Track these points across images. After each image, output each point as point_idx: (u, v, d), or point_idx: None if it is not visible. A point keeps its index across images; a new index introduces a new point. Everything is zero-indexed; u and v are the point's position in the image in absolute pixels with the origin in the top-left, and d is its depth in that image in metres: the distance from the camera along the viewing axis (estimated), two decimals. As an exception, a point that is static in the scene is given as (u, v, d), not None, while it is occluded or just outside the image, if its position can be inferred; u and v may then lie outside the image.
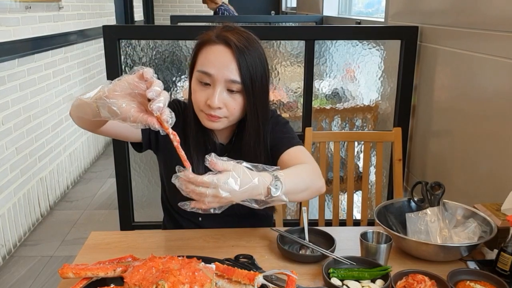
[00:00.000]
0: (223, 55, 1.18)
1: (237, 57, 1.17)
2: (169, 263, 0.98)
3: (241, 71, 1.18)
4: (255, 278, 0.96)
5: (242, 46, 1.18)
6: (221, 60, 1.18)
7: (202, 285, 0.92)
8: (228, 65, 1.18)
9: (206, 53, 1.21)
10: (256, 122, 1.26)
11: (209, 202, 0.95)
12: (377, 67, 2.51)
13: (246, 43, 1.20)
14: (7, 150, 2.84)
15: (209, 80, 1.19)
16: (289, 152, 1.29)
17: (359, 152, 2.50)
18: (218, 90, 1.18)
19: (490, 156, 1.71)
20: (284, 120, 1.40)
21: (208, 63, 1.19)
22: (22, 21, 3.06)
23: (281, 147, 1.31)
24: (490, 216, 1.25)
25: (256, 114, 1.25)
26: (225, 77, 1.18)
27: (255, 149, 1.29)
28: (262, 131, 1.29)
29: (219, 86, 1.18)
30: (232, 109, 1.22)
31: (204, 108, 1.21)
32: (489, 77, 1.72)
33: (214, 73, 1.18)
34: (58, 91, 3.67)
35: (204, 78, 1.20)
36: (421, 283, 1.03)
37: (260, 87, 1.23)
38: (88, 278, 1.02)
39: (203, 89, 1.21)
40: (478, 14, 1.78)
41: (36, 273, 2.64)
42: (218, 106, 1.19)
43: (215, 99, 1.18)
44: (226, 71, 1.17)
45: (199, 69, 1.20)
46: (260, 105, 1.25)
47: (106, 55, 2.23)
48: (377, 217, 1.29)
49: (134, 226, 2.43)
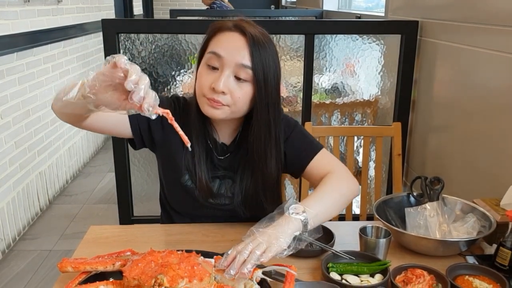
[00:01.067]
0: (237, 41, 1.14)
1: (251, 46, 1.13)
2: (168, 257, 0.98)
3: (253, 59, 1.13)
4: (254, 273, 0.96)
5: (258, 38, 1.15)
6: (234, 45, 1.14)
7: (201, 279, 0.92)
8: (240, 50, 1.14)
9: (220, 37, 1.17)
10: (266, 117, 1.20)
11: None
12: (377, 62, 2.50)
13: (263, 38, 1.17)
14: (6, 144, 2.83)
15: (218, 63, 1.15)
16: (315, 161, 1.28)
17: (358, 147, 2.50)
18: (226, 74, 1.13)
19: (490, 151, 1.71)
20: (294, 121, 1.35)
21: (220, 44, 1.15)
22: (21, 15, 3.05)
23: (304, 157, 1.28)
24: (489, 211, 1.25)
25: (267, 109, 1.20)
26: (236, 61, 1.13)
27: (266, 148, 1.23)
28: (274, 129, 1.23)
29: (227, 69, 1.14)
30: (236, 98, 1.16)
31: (207, 92, 1.15)
32: (489, 71, 1.72)
33: (225, 55, 1.13)
34: (57, 85, 3.66)
35: (213, 60, 1.15)
36: (420, 278, 1.03)
37: (273, 83, 1.19)
38: (87, 272, 1.02)
39: (210, 72, 1.16)
40: (478, 9, 1.78)
41: (35, 267, 2.64)
42: (222, 90, 1.13)
43: (220, 82, 1.13)
44: (237, 55, 1.13)
45: (210, 50, 1.16)
46: (272, 101, 1.20)
47: (105, 49, 2.22)
48: (376, 211, 1.29)
49: (133, 220, 2.43)
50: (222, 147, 1.31)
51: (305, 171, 1.29)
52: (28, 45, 3.12)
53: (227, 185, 1.32)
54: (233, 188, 1.32)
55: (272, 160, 1.25)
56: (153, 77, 2.42)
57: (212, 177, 1.31)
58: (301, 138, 1.32)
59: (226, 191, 1.32)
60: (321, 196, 1.17)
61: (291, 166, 1.32)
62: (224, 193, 1.32)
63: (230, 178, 1.32)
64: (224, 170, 1.32)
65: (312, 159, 1.28)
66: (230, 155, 1.31)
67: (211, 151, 1.30)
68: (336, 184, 1.21)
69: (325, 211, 1.14)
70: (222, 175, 1.32)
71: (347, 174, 1.27)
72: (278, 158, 1.27)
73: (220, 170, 1.32)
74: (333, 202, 1.18)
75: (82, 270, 1.01)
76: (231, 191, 1.32)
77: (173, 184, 1.34)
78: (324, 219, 1.16)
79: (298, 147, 1.30)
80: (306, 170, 1.29)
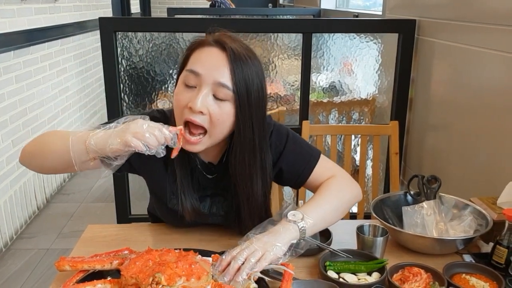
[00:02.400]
0: (216, 57, 1.05)
1: (232, 62, 1.04)
2: (165, 256, 0.98)
3: (235, 78, 1.04)
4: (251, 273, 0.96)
5: (240, 53, 1.06)
6: (213, 61, 1.05)
7: (199, 278, 0.92)
8: (219, 67, 1.04)
9: (199, 54, 1.08)
10: (251, 138, 1.11)
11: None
12: (374, 61, 2.50)
13: (245, 53, 1.07)
14: (3, 142, 2.82)
15: (196, 82, 1.05)
16: (315, 173, 1.22)
17: (356, 145, 2.50)
18: (204, 92, 1.04)
19: (487, 150, 1.71)
20: (285, 130, 1.25)
21: (198, 62, 1.06)
22: (18, 13, 3.04)
23: (303, 172, 1.22)
24: (486, 210, 1.26)
25: (251, 130, 1.10)
26: (214, 79, 1.04)
27: (250, 170, 1.14)
28: (259, 151, 1.14)
29: (206, 88, 1.04)
30: (215, 119, 1.05)
31: (185, 113, 1.05)
32: (486, 70, 1.72)
33: (202, 72, 1.04)
34: (54, 84, 3.65)
35: (190, 79, 1.06)
36: (417, 276, 1.03)
37: (257, 100, 1.08)
38: (85, 270, 1.02)
39: (187, 91, 1.06)
40: (476, 8, 1.78)
41: (32, 266, 2.64)
42: (200, 110, 1.03)
43: (197, 100, 1.03)
44: (215, 73, 1.04)
45: (188, 68, 1.07)
46: (256, 120, 1.10)
47: (102, 47, 2.22)
48: (373, 210, 1.29)
49: (130, 219, 2.43)
50: (209, 166, 1.22)
51: (306, 184, 1.25)
52: (25, 44, 3.12)
53: (218, 203, 1.26)
54: (225, 206, 1.25)
55: (258, 183, 1.16)
56: (151, 76, 2.42)
57: (202, 197, 1.24)
58: (297, 150, 1.23)
59: (218, 210, 1.26)
60: (320, 203, 1.14)
61: (289, 181, 1.26)
62: (217, 212, 1.26)
63: (221, 196, 1.25)
64: (214, 189, 1.25)
65: (312, 172, 1.22)
66: (218, 175, 1.23)
67: (198, 171, 1.22)
68: (336, 190, 1.19)
69: (323, 219, 1.12)
70: (213, 194, 1.25)
71: (348, 179, 1.24)
72: (265, 181, 1.18)
73: (210, 189, 1.24)
74: (332, 210, 1.16)
75: (79, 269, 1.01)
76: (224, 209, 1.26)
77: (161, 205, 1.29)
78: (322, 226, 1.15)
79: (295, 162, 1.22)
80: (306, 183, 1.24)
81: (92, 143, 0.98)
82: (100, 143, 0.98)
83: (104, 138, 0.98)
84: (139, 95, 2.43)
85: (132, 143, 0.95)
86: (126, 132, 0.96)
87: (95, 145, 0.98)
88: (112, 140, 0.96)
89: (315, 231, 1.11)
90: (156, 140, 0.97)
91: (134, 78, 2.40)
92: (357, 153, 2.45)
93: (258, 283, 0.98)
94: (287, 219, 1.06)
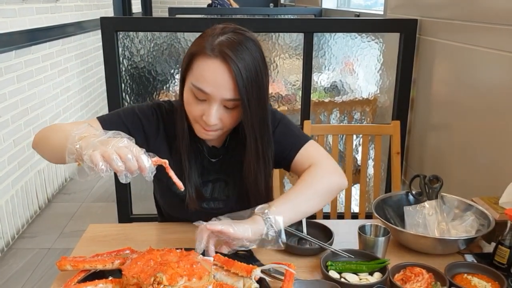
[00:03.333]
0: (220, 73, 1.08)
1: (234, 74, 1.07)
2: (167, 256, 0.98)
3: (239, 89, 1.09)
4: (253, 271, 0.96)
5: (240, 60, 1.08)
6: (218, 79, 1.09)
7: (200, 278, 0.92)
8: (225, 84, 1.09)
9: (202, 69, 1.10)
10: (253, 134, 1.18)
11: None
12: (376, 60, 2.50)
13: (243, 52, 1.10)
14: (5, 142, 2.83)
15: (205, 97, 1.11)
16: (299, 155, 1.25)
17: (357, 145, 2.50)
18: (215, 108, 1.11)
19: (488, 150, 1.71)
20: (280, 115, 1.31)
21: (203, 80, 1.10)
22: (19, 13, 3.04)
23: (289, 153, 1.26)
24: (488, 210, 1.26)
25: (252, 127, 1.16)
26: (222, 97, 1.10)
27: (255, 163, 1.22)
28: (260, 145, 1.20)
29: (215, 104, 1.11)
30: (227, 123, 1.15)
31: (200, 122, 1.15)
32: (488, 70, 1.72)
33: (210, 92, 1.09)
34: (56, 84, 3.65)
35: (199, 94, 1.11)
36: (418, 276, 1.03)
37: (257, 98, 1.13)
38: (86, 270, 1.02)
39: (198, 103, 1.13)
40: (478, 7, 1.78)
41: (34, 265, 2.64)
42: (214, 123, 1.13)
43: (211, 117, 1.11)
44: (223, 91, 1.09)
45: (194, 84, 1.11)
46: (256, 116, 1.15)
47: (104, 47, 2.22)
48: (375, 210, 1.29)
49: (132, 218, 2.43)
50: (213, 150, 1.28)
51: (291, 166, 1.27)
52: (26, 43, 3.12)
53: (220, 188, 1.30)
54: (227, 190, 1.30)
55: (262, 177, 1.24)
56: (152, 76, 2.42)
57: (204, 182, 1.29)
58: (286, 132, 1.29)
59: (220, 195, 1.30)
60: (290, 196, 1.16)
61: (278, 162, 1.30)
62: (218, 196, 1.30)
63: (223, 181, 1.30)
64: (216, 173, 1.30)
65: (297, 154, 1.25)
66: (222, 157, 1.29)
67: (202, 155, 1.28)
68: (312, 180, 1.19)
69: (293, 210, 1.13)
70: (215, 179, 1.30)
71: (329, 168, 1.23)
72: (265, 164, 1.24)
73: (212, 173, 1.29)
74: (305, 200, 1.16)
75: (81, 269, 1.01)
76: (225, 193, 1.30)
77: (165, 191, 1.33)
78: (296, 217, 1.15)
79: (283, 142, 1.27)
80: (292, 165, 1.27)
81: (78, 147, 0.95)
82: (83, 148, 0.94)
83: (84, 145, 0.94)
84: (140, 94, 2.43)
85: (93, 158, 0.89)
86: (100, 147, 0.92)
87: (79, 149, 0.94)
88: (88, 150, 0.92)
89: (288, 222, 1.12)
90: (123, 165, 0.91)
91: (136, 78, 2.40)
92: (358, 153, 2.45)
93: (260, 283, 0.98)
94: (255, 211, 1.10)
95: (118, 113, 1.25)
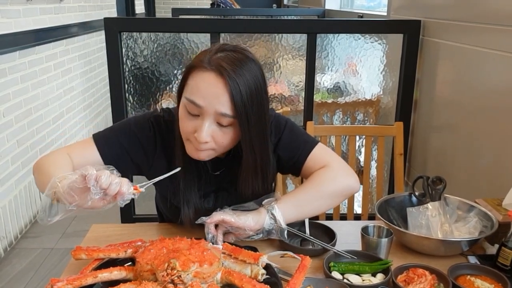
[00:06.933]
0: (215, 85, 1.04)
1: (231, 89, 1.03)
2: (178, 244, 1.03)
3: (235, 105, 1.04)
4: (260, 258, 1.00)
5: (238, 74, 1.04)
6: (212, 91, 1.04)
7: (211, 264, 0.96)
8: (219, 97, 1.04)
9: (196, 80, 1.07)
10: (253, 156, 1.14)
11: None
12: (379, 61, 2.50)
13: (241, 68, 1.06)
14: (8, 142, 2.84)
15: (198, 111, 1.07)
16: (309, 160, 1.24)
17: (360, 146, 2.50)
18: (207, 124, 1.06)
19: (492, 151, 1.70)
20: (284, 120, 1.28)
21: (197, 92, 1.06)
22: (23, 13, 3.05)
23: (298, 159, 1.25)
24: (491, 211, 1.25)
25: (252, 149, 1.13)
26: (215, 110, 1.05)
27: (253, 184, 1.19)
28: (259, 165, 1.17)
29: (208, 119, 1.06)
30: (220, 143, 1.10)
31: (191, 138, 1.10)
32: (491, 71, 1.71)
33: (203, 105, 1.05)
34: (59, 84, 3.66)
35: (192, 108, 1.07)
36: (421, 277, 1.03)
37: (257, 116, 1.09)
38: (99, 259, 1.05)
39: (190, 118, 1.09)
40: (481, 8, 1.77)
41: (37, 265, 2.64)
42: (205, 141, 1.07)
43: (202, 133, 1.06)
44: (216, 104, 1.04)
45: (188, 97, 1.07)
46: (256, 137, 1.12)
47: (107, 48, 2.22)
48: (378, 211, 1.28)
49: (135, 219, 2.44)
50: (216, 162, 1.23)
51: (302, 171, 1.27)
52: (30, 44, 3.13)
53: (222, 198, 1.28)
54: (229, 200, 1.26)
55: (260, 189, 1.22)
56: (155, 76, 2.42)
57: (207, 193, 1.26)
58: (293, 138, 1.26)
59: (223, 204, 1.24)
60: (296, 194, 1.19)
61: (287, 168, 1.30)
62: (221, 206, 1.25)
63: (225, 191, 1.28)
64: (219, 184, 1.27)
65: (306, 159, 1.24)
66: (225, 169, 1.26)
67: (204, 171, 1.24)
68: (319, 181, 1.20)
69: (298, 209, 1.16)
70: (217, 189, 1.28)
71: (341, 170, 1.23)
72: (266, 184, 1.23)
73: (215, 184, 1.27)
74: (311, 200, 1.18)
75: (95, 257, 1.04)
76: (227, 203, 1.24)
77: (166, 202, 1.32)
78: (301, 216, 1.18)
79: (291, 148, 1.25)
80: (302, 170, 1.26)
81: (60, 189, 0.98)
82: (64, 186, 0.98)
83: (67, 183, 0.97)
84: (143, 95, 2.44)
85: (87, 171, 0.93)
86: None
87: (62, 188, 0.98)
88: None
89: (292, 219, 1.15)
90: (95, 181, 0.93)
91: (139, 78, 2.41)
92: (361, 154, 2.45)
93: (267, 270, 1.00)
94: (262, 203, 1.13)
95: (115, 132, 1.23)
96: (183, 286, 0.91)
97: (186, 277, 0.91)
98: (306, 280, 0.98)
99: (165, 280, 0.91)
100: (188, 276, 0.92)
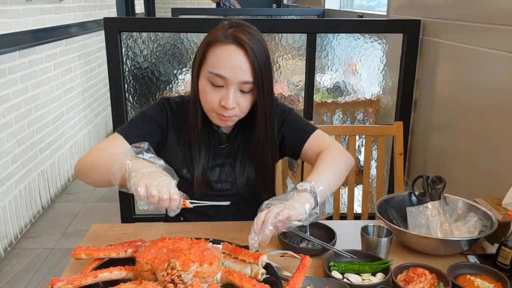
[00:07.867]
0: (237, 57, 1.18)
1: (251, 58, 1.18)
2: (178, 243, 1.03)
3: (255, 72, 1.19)
4: (260, 258, 1.00)
5: (253, 44, 1.19)
6: (235, 63, 1.18)
7: (211, 263, 0.96)
8: (242, 67, 1.18)
9: (218, 54, 1.20)
10: (264, 117, 1.29)
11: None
12: (379, 61, 2.50)
13: (254, 39, 1.20)
14: (8, 142, 2.84)
15: (222, 82, 1.20)
16: (311, 140, 1.35)
17: (360, 146, 2.50)
18: (232, 91, 1.20)
19: (492, 151, 1.71)
20: (287, 107, 1.43)
21: (220, 65, 1.19)
22: (23, 13, 3.05)
23: (301, 137, 1.36)
24: (490, 211, 1.25)
25: (265, 111, 1.27)
26: (239, 80, 1.19)
27: (264, 146, 1.33)
28: (269, 125, 1.31)
29: (233, 87, 1.20)
30: (243, 108, 1.25)
31: (218, 109, 1.23)
32: (491, 71, 1.72)
33: (228, 76, 1.18)
34: (59, 84, 3.66)
35: (216, 80, 1.20)
36: (421, 277, 1.03)
37: (269, 82, 1.24)
38: (99, 259, 1.05)
39: (215, 89, 1.22)
40: (481, 8, 1.78)
41: (37, 265, 2.65)
42: (232, 107, 1.21)
43: (229, 101, 1.20)
44: (240, 74, 1.18)
45: (211, 71, 1.20)
46: (268, 100, 1.27)
47: (107, 48, 2.22)
48: (378, 210, 1.29)
49: (135, 218, 2.44)
50: (222, 136, 1.37)
51: (303, 151, 1.37)
52: (30, 44, 3.13)
53: (227, 171, 1.39)
54: (234, 173, 1.38)
55: (269, 152, 1.34)
56: (155, 76, 2.42)
57: (212, 166, 1.37)
58: (297, 120, 1.40)
59: (227, 177, 1.39)
60: (323, 170, 1.23)
61: (289, 147, 1.39)
62: (225, 179, 1.38)
63: (230, 165, 1.39)
64: (224, 158, 1.38)
65: (308, 139, 1.36)
66: (230, 143, 1.38)
67: (212, 143, 1.36)
68: (333, 157, 1.29)
69: (329, 182, 1.20)
70: (222, 163, 1.38)
71: (341, 149, 1.35)
72: (273, 149, 1.36)
73: (220, 158, 1.38)
74: (334, 175, 1.25)
75: (95, 257, 1.05)
76: (232, 176, 1.38)
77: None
78: (329, 192, 1.22)
79: (295, 129, 1.38)
80: (303, 150, 1.36)
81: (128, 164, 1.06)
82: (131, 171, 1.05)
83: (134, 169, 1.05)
84: (143, 95, 2.44)
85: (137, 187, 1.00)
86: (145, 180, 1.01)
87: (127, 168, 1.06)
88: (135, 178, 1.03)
89: (324, 197, 1.18)
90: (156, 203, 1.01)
91: (139, 78, 2.41)
92: (361, 153, 2.45)
93: (266, 269, 1.00)
94: (298, 190, 1.13)
95: (134, 122, 1.35)
96: (183, 286, 0.91)
97: (186, 276, 0.92)
98: (306, 279, 0.98)
99: (165, 280, 0.91)
100: (188, 276, 0.92)
